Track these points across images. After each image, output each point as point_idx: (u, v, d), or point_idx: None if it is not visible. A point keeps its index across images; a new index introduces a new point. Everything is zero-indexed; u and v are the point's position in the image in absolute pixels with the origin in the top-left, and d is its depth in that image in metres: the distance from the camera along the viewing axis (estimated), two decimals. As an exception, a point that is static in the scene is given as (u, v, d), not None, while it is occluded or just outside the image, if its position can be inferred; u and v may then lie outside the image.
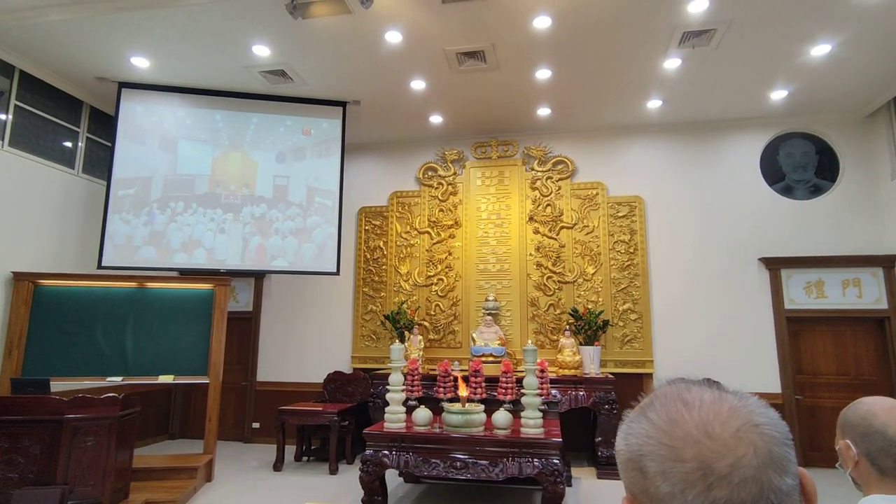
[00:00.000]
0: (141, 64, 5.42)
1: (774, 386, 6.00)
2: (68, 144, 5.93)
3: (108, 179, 5.74)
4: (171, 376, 5.32)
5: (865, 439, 1.16)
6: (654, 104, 6.16)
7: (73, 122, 5.97)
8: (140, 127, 5.86)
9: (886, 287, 5.93)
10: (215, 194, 6.01)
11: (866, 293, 5.98)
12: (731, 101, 6.07)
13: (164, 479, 4.80)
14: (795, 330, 6.12)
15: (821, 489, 1.29)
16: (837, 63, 5.19)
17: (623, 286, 6.46)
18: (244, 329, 7.26)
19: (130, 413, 4.32)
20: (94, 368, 5.20)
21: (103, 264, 5.61)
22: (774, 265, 6.20)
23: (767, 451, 0.51)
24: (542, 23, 4.61)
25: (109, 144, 5.92)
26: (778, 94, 5.89)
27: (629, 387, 6.21)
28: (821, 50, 4.97)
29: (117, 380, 5.23)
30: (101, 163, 6.26)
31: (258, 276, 7.26)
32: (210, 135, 6.06)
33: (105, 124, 6.29)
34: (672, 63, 5.26)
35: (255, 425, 7.05)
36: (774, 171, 6.52)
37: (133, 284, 5.45)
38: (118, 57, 5.31)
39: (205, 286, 5.60)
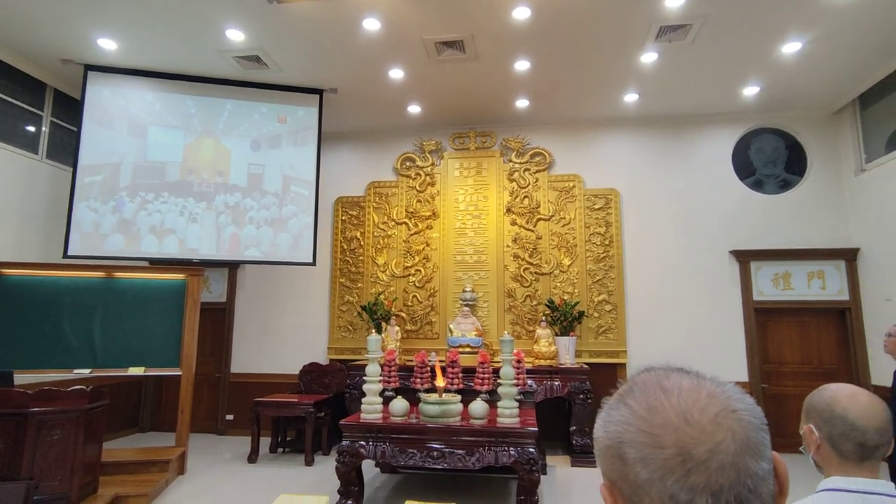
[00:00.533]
0: (108, 46, 5.23)
1: (742, 375, 6.18)
2: (31, 129, 5.71)
3: (74, 166, 5.54)
4: (142, 368, 5.20)
5: (828, 424, 1.21)
6: (630, 98, 6.22)
7: (36, 105, 5.74)
8: (108, 111, 5.67)
9: (848, 279, 6.14)
10: (187, 182, 5.86)
11: (829, 285, 6.19)
12: (706, 95, 6.17)
13: (134, 473, 4.70)
14: (763, 321, 6.31)
15: (795, 470, 1.33)
16: (807, 61, 5.32)
17: (598, 278, 6.54)
18: (218, 320, 7.13)
19: (99, 406, 4.21)
20: (61, 360, 5.04)
21: (69, 253, 5.44)
22: (744, 258, 6.36)
23: (745, 436, 0.52)
24: (521, 13, 4.60)
25: (75, 129, 5.71)
26: (750, 90, 6.01)
27: (604, 377, 6.32)
28: (792, 47, 5.08)
29: (85, 372, 5.08)
30: (66, 148, 6.04)
31: (232, 267, 7.13)
32: (182, 121, 5.90)
33: (71, 108, 6.07)
34: (649, 57, 5.32)
35: (229, 417, 6.95)
36: (746, 165, 6.67)
37: (101, 274, 5.29)
38: (84, 38, 5.11)
39: (177, 276, 5.48)
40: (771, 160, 6.66)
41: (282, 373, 6.91)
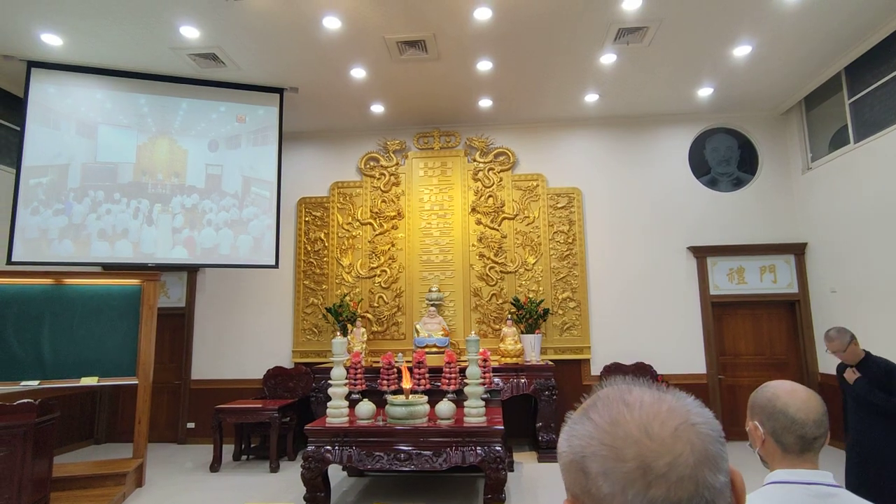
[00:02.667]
0: (53, 42, 4.99)
1: (700, 367, 6.39)
2: (-31, 128, 5.39)
3: (18, 167, 5.26)
4: (96, 378, 4.99)
5: (770, 419, 1.27)
6: (591, 98, 6.33)
7: (-26, 103, 5.42)
8: (53, 110, 5.40)
9: (797, 273, 6.43)
10: (141, 183, 5.65)
11: (780, 279, 6.46)
12: (662, 96, 6.34)
13: (88, 488, 4.51)
14: (719, 314, 6.53)
15: (740, 461, 1.38)
16: (756, 63, 5.53)
17: (562, 275, 6.64)
18: (176, 325, 6.91)
19: (48, 420, 4.02)
20: (6, 372, 4.79)
21: (13, 259, 5.16)
22: (701, 253, 6.57)
23: (703, 449, 0.53)
24: (482, 14, 4.61)
25: (18, 129, 5.43)
26: (704, 91, 6.20)
27: (568, 373, 6.43)
28: (742, 51, 5.28)
29: (33, 384, 4.84)
30: (8, 148, 5.73)
31: (191, 270, 6.92)
32: (134, 120, 5.68)
33: (12, 107, 5.76)
34: (608, 58, 5.42)
35: (190, 426, 6.75)
36: (701, 164, 6.89)
37: (49, 281, 5.05)
38: (26, 33, 4.86)
39: (131, 281, 5.27)
40: (725, 159, 6.90)
41: (245, 378, 6.75)
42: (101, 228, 5.45)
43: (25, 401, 3.85)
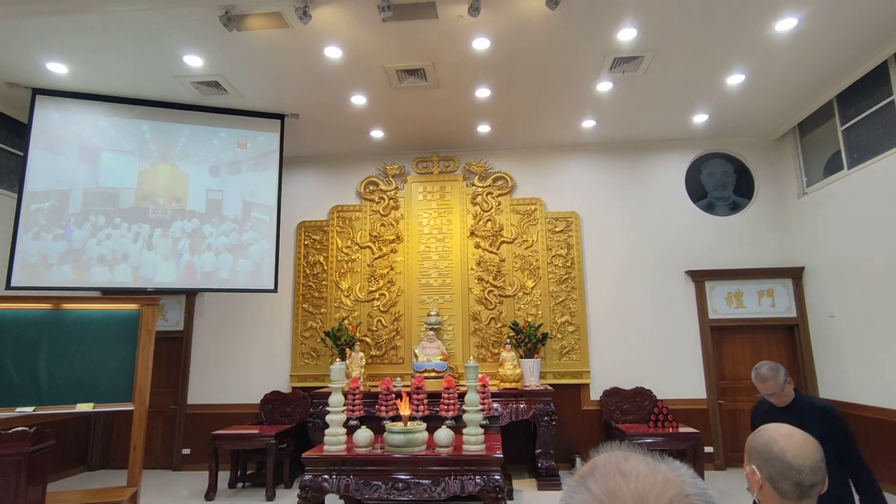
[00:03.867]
0: (58, 70, 5.07)
1: (700, 392, 6.35)
2: (-27, 153, 5.44)
3: (20, 192, 5.30)
4: (91, 404, 4.93)
5: (767, 464, 1.26)
6: (588, 124, 6.42)
7: (-22, 129, 5.49)
8: (57, 136, 5.47)
9: (795, 297, 6.44)
10: (142, 208, 5.69)
11: (779, 303, 6.47)
12: (658, 123, 6.43)
13: (81, 517, 4.43)
14: (718, 338, 6.52)
15: (740, 487, 1.37)
16: (750, 91, 5.63)
17: (561, 299, 6.65)
18: (174, 350, 6.88)
19: (43, 448, 3.97)
20: (2, 398, 4.74)
21: (13, 284, 5.16)
22: (699, 277, 6.59)
23: None
24: (480, 44, 4.71)
25: (21, 154, 5.48)
26: (700, 118, 6.30)
27: (567, 398, 6.39)
28: (736, 79, 5.38)
29: (28, 410, 4.79)
30: (11, 174, 5.78)
31: (190, 294, 6.91)
32: (136, 146, 5.74)
33: (16, 132, 5.83)
34: (604, 86, 5.52)
35: (186, 452, 6.67)
36: (698, 188, 6.95)
37: (47, 305, 5.03)
38: (32, 62, 4.94)
39: (130, 306, 5.25)
40: (721, 184, 6.97)
41: (242, 403, 6.70)
42: (100, 253, 5.47)
43: (20, 428, 3.81)
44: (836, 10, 4.28)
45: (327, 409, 4.22)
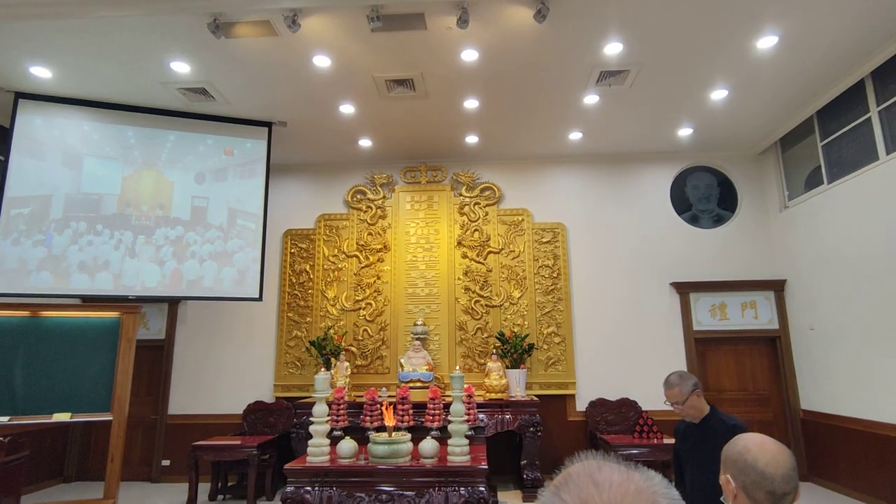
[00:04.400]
0: (42, 74, 5.01)
1: (685, 403, 6.37)
2: (-49, 157, 5.34)
3: (0, 197, 5.20)
4: (68, 414, 4.83)
5: (742, 473, 1.27)
6: (575, 136, 6.49)
7: (-42, 132, 5.39)
8: (39, 141, 5.39)
9: (777, 309, 6.52)
10: (125, 215, 5.61)
11: (761, 315, 6.55)
12: (644, 136, 6.52)
13: (55, 531, 4.31)
14: (702, 350, 6.58)
15: None
16: (733, 106, 5.73)
17: (547, 310, 6.66)
18: (155, 358, 6.76)
19: (17, 458, 3.88)
20: (-25, 408, 4.62)
21: (-10, 290, 5.05)
22: (684, 289, 6.65)
23: None
24: (469, 56, 4.75)
25: (2, 159, 5.39)
26: (684, 131, 6.40)
27: (553, 409, 6.39)
28: (719, 94, 5.48)
29: (3, 419, 4.67)
30: (-9, 178, 5.67)
31: (173, 302, 6.81)
32: (120, 152, 5.68)
33: (-3, 136, 5.74)
34: (591, 99, 5.58)
35: (165, 463, 6.53)
36: (682, 201, 7.04)
37: (25, 313, 4.93)
38: (15, 66, 4.88)
39: (110, 314, 5.17)
40: (705, 196, 7.07)
41: (224, 413, 6.59)
42: (81, 260, 5.38)
43: (-7, 439, 3.71)
44: (815, 30, 4.39)
45: (311, 419, 4.17)
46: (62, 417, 4.82)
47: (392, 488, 3.81)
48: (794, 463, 1.27)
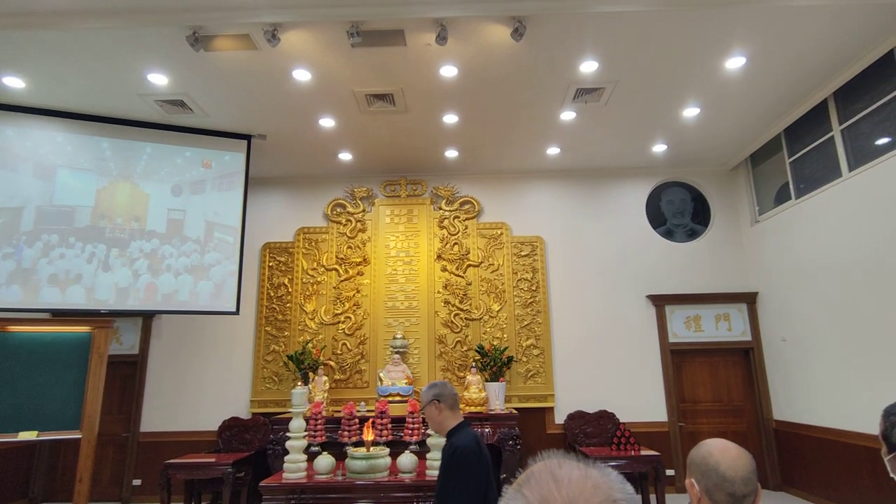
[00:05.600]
0: (15, 84, 4.93)
1: (661, 414, 6.46)
2: (-83, 168, 5.20)
3: (-33, 209, 5.07)
4: (35, 432, 4.67)
5: (704, 477, 1.32)
6: (552, 151, 6.60)
7: (-76, 142, 5.25)
8: (10, 152, 5.28)
9: (750, 321, 6.68)
10: (98, 228, 5.51)
11: (735, 326, 6.69)
12: (620, 151, 6.67)
13: (18, 555, 4.15)
14: (678, 361, 6.68)
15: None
16: (704, 123, 5.91)
17: (526, 322, 6.71)
18: (128, 374, 6.60)
19: (-21, 479, 3.73)
20: (-65, 427, 4.45)
21: (-46, 305, 4.90)
22: (660, 302, 6.76)
23: None
24: (448, 72, 4.82)
25: (-30, 169, 5.26)
26: (658, 147, 6.56)
27: (532, 422, 6.40)
28: (691, 112, 5.64)
29: (-35, 439, 4.50)
30: (-42, 189, 5.53)
31: (147, 317, 6.68)
32: (95, 163, 5.59)
33: (-34, 146, 5.60)
34: (567, 115, 5.70)
35: (136, 483, 6.35)
36: (658, 215, 7.19)
37: (-9, 328, 4.78)
38: (-13, 75, 4.80)
39: (81, 329, 5.05)
40: (679, 211, 7.23)
41: (199, 430, 6.45)
42: (52, 273, 5.26)
43: (-46, 459, 3.57)
44: (780, 51, 4.57)
45: (288, 435, 4.12)
46: (28, 436, 4.66)
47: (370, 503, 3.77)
48: (753, 466, 1.31)
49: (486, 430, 5.66)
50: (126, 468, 6.39)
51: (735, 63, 4.72)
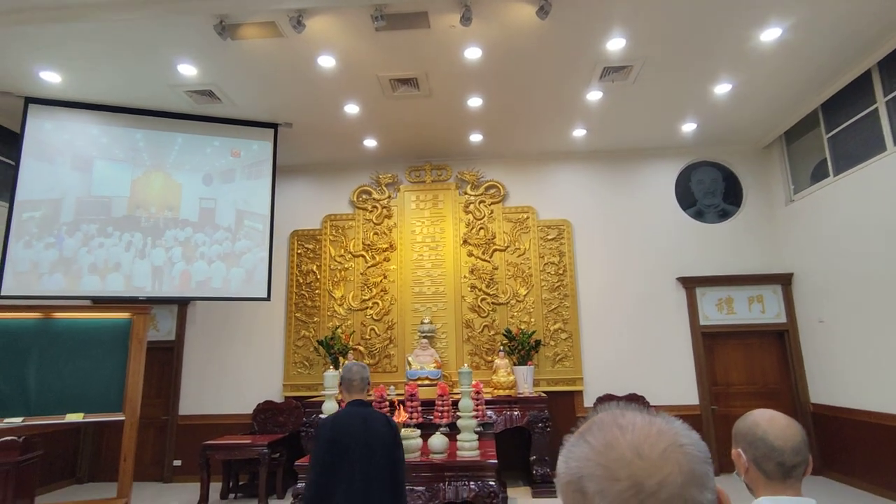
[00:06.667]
0: (52, 79, 5.08)
1: (693, 398, 6.38)
2: (-37, 162, 5.42)
3: (11, 201, 5.28)
4: (81, 414, 4.88)
5: (752, 447, 1.30)
6: (578, 133, 6.50)
7: (-31, 138, 5.47)
8: (49, 145, 5.46)
9: (785, 303, 6.51)
10: (135, 217, 5.67)
11: (769, 308, 6.53)
12: (648, 131, 6.52)
13: (70, 529, 4.36)
14: (710, 344, 6.56)
15: (734, 491, 1.40)
16: (737, 100, 5.73)
17: (553, 306, 6.67)
18: (165, 360, 6.82)
19: (31, 458, 3.93)
20: (-10, 409, 4.68)
21: (3, 293, 5.12)
22: (690, 284, 6.64)
23: (690, 469, 0.57)
24: (472, 54, 4.78)
25: (13, 163, 5.47)
26: (688, 126, 6.39)
27: (561, 405, 6.39)
28: (723, 88, 5.48)
29: (17, 421, 4.72)
30: (2, 183, 5.75)
31: (182, 304, 6.87)
32: (129, 154, 5.74)
33: (8, 142, 5.81)
34: (594, 95, 5.60)
35: (177, 463, 6.59)
36: (687, 196, 7.03)
37: (37, 315, 4.98)
38: (25, 71, 4.95)
39: (121, 315, 5.22)
40: (710, 191, 7.05)
41: (234, 413, 6.64)
42: (92, 262, 5.44)
43: (8, 438, 3.77)
44: (820, 21, 4.39)
45: (320, 416, 4.20)
46: (75, 418, 4.87)
47: (402, 483, 3.82)
48: (804, 436, 1.29)
49: (515, 412, 5.68)
50: (166, 449, 6.63)
51: (771, 35, 4.55)
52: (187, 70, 4.97)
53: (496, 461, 3.87)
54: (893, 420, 4.94)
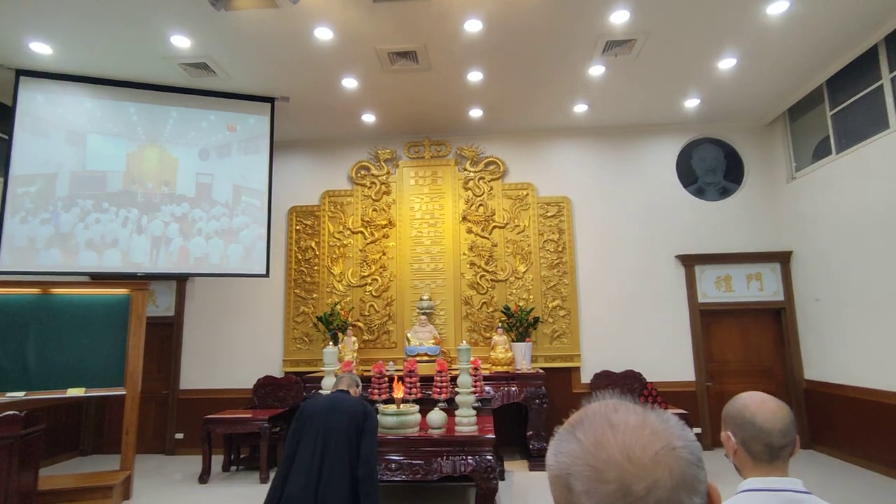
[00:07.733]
0: (42, 51, 4.97)
1: (689, 374, 6.45)
2: (-44, 136, 5.34)
3: (5, 176, 5.22)
4: (83, 389, 4.93)
5: (740, 429, 1.31)
6: (580, 108, 6.41)
7: (-39, 111, 5.38)
8: (42, 119, 5.37)
9: (783, 281, 6.52)
10: (131, 192, 5.62)
11: (766, 286, 6.55)
12: (650, 107, 6.43)
13: (75, 501, 4.44)
14: (707, 322, 6.60)
15: (727, 467, 1.41)
16: (741, 76, 5.64)
17: (552, 284, 6.69)
18: (165, 335, 6.85)
19: (34, 431, 3.96)
20: (-9, 384, 4.72)
21: (0, 269, 5.11)
22: (689, 262, 6.64)
23: (681, 473, 0.56)
24: (473, 26, 4.67)
25: (6, 137, 5.39)
26: (691, 102, 6.31)
27: (559, 381, 6.46)
28: (727, 63, 5.38)
29: (19, 395, 4.78)
30: (-5, 157, 5.68)
31: (180, 279, 6.87)
32: (124, 128, 5.66)
33: (1, 116, 5.72)
34: (596, 70, 5.50)
35: (179, 436, 6.68)
36: (689, 173, 6.98)
37: (36, 290, 4.99)
38: (15, 42, 4.84)
39: (120, 291, 5.23)
40: (711, 168, 7.00)
41: (235, 388, 6.70)
42: (88, 238, 5.41)
43: (11, 412, 3.79)
44: (828, -6, 4.28)
45: (320, 391, 4.24)
46: (77, 392, 4.91)
47: (401, 457, 3.89)
48: (791, 417, 1.31)
49: (513, 388, 5.74)
50: (168, 423, 6.71)
51: (777, 8, 4.45)
52: (181, 42, 4.86)
53: (494, 436, 3.92)
54: (881, 396, 5.01)
